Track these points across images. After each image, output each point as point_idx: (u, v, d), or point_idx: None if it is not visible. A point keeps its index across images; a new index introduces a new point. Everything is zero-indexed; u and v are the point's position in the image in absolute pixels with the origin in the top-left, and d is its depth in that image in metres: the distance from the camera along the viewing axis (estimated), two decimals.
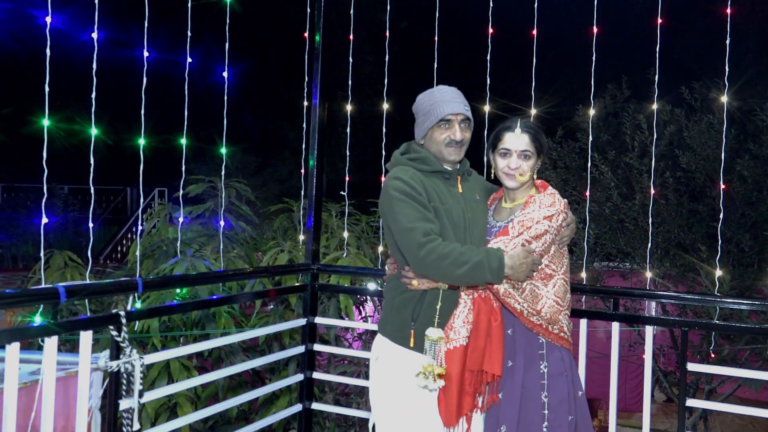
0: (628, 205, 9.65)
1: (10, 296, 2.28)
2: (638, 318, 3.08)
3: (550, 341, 2.53)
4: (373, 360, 2.67)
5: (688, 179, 9.85)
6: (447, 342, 2.49)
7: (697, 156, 9.29)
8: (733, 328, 3.12)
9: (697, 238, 9.39)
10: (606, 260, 11.03)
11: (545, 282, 2.54)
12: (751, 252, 9.16)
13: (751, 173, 8.92)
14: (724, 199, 9.60)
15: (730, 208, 9.13)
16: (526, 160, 2.60)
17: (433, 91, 2.66)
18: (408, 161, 2.64)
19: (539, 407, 2.48)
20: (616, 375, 3.15)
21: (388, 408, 2.57)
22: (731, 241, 9.26)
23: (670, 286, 10.49)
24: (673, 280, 10.28)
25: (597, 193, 10.73)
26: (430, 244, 2.41)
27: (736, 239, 9.11)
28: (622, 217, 10.07)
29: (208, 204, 5.13)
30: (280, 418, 3.78)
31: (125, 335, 2.65)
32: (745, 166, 8.89)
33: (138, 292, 2.70)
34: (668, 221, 9.91)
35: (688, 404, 3.04)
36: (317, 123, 3.82)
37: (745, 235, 9.02)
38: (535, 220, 2.51)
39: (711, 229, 9.80)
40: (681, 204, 9.60)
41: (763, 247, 9.02)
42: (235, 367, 3.53)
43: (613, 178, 10.45)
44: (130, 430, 2.73)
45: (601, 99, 10.67)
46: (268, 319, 4.43)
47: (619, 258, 10.74)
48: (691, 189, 9.53)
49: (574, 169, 10.85)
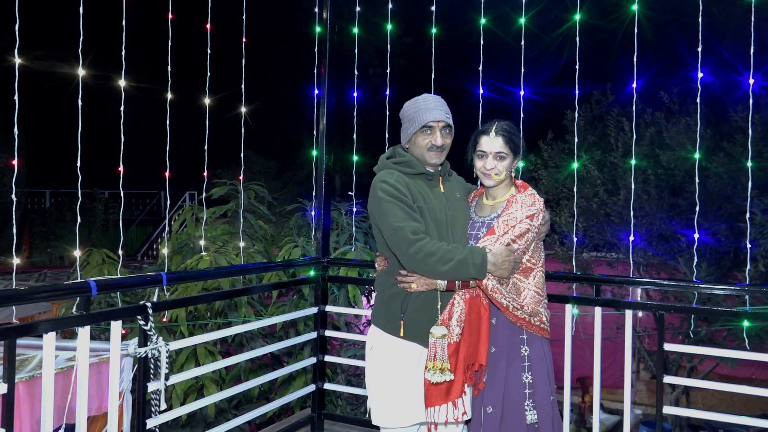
0: (613, 200, 9.60)
1: (46, 290, 2.29)
2: (619, 303, 3.04)
3: (532, 332, 2.51)
4: (368, 349, 2.66)
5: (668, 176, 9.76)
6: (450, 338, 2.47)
7: (676, 155, 9.25)
8: (705, 311, 3.08)
9: (677, 229, 9.34)
10: (594, 251, 10.99)
11: (526, 275, 2.52)
12: (726, 242, 9.09)
13: (726, 169, 8.87)
14: (701, 193, 9.51)
15: (707, 202, 9.07)
16: (501, 160, 2.57)
17: (417, 99, 2.64)
18: (393, 165, 2.63)
19: (521, 387, 2.46)
20: (599, 355, 3.12)
21: (382, 393, 2.55)
22: (708, 231, 9.19)
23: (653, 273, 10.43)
24: (656, 268, 10.21)
25: (585, 190, 10.66)
26: (419, 243, 2.40)
27: (713, 230, 9.05)
28: (608, 211, 10.02)
29: (230, 204, 5.13)
30: (295, 397, 3.77)
31: (152, 324, 2.65)
32: (720, 163, 8.84)
33: (163, 285, 2.70)
34: (650, 214, 9.83)
35: (666, 381, 3.00)
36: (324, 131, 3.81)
37: (721, 227, 8.96)
38: (518, 220, 2.50)
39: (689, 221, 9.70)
40: (662, 198, 9.54)
41: (737, 237, 8.95)
42: (253, 351, 3.53)
43: (599, 176, 10.39)
44: (158, 410, 2.74)
45: (587, 104, 10.62)
46: (285, 308, 4.43)
47: (606, 248, 10.69)
48: (671, 185, 9.47)
49: (563, 167, 10.79)
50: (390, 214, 2.47)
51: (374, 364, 2.60)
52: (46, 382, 2.28)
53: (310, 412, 3.84)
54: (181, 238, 5.07)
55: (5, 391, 2.13)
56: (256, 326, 3.69)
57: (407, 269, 2.49)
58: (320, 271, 3.81)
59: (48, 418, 2.28)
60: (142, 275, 2.80)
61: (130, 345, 2.69)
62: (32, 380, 2.57)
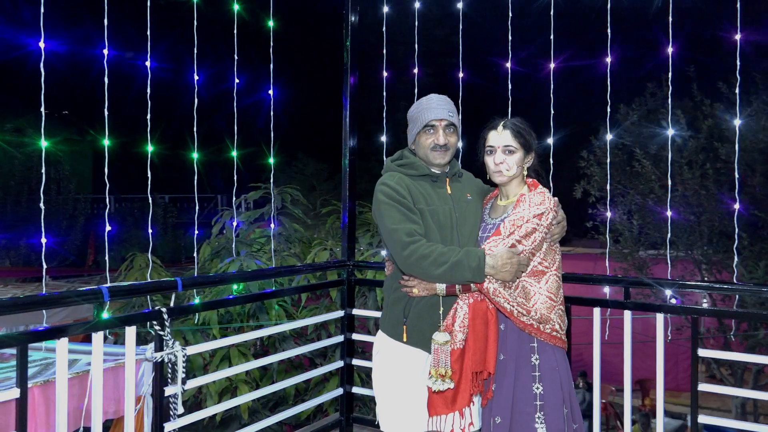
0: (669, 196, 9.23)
1: (58, 297, 2.34)
2: (648, 306, 2.87)
3: (543, 341, 2.37)
4: (374, 353, 2.61)
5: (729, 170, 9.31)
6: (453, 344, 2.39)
7: None
8: (741, 315, 2.88)
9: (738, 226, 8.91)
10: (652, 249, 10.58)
11: (538, 278, 2.40)
12: None
13: None
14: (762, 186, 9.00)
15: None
16: (511, 155, 2.47)
17: (421, 100, 2.60)
18: (397, 167, 2.58)
19: (531, 398, 2.33)
20: (630, 359, 2.96)
21: (388, 399, 2.50)
22: None
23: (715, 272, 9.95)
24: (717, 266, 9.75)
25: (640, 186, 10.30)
26: (413, 245, 2.34)
27: None
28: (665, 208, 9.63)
29: (266, 208, 5.17)
30: (322, 400, 3.76)
31: (168, 329, 2.68)
32: None
33: (178, 290, 2.73)
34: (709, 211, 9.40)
35: (701, 389, 2.82)
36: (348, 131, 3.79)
37: None
38: (525, 219, 2.38)
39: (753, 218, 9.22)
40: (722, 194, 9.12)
41: None
42: (278, 354, 3.53)
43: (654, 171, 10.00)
44: (176, 414, 2.76)
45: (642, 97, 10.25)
46: (317, 311, 4.42)
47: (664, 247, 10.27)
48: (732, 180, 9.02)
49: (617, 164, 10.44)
50: (387, 216, 2.42)
51: (380, 369, 2.55)
52: (60, 386, 2.33)
53: (339, 416, 3.81)
54: (220, 242, 5.15)
55: (18, 396, 2.19)
56: (279, 330, 3.70)
57: (403, 272, 2.43)
58: (346, 274, 3.78)
59: (62, 423, 2.33)
60: (157, 281, 2.84)
61: (147, 349, 2.73)
62: (48, 384, 2.63)
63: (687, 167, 9.34)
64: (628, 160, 10.16)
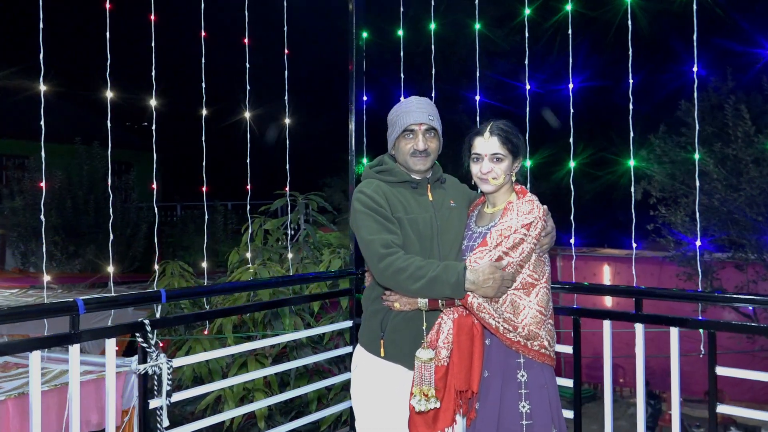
0: (734, 196, 8.64)
1: (31, 310, 2.34)
2: (661, 318, 2.62)
3: (531, 358, 2.20)
4: (353, 368, 2.49)
5: None
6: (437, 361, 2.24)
7: None
8: (759, 329, 2.59)
9: None
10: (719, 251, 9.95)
11: (527, 291, 2.21)
12: None
13: None
14: None
15: None
16: (498, 163, 2.30)
17: (400, 103, 2.46)
18: (375, 174, 2.45)
19: (518, 417, 2.16)
20: (643, 373, 2.71)
21: (366, 415, 2.38)
22: None
23: None
24: None
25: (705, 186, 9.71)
26: (390, 257, 2.19)
27: None
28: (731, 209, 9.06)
29: (293, 215, 5.12)
30: (331, 412, 3.66)
31: (152, 341, 2.64)
32: None
33: (162, 302, 2.69)
34: None
35: (719, 411, 2.55)
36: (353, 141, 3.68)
37: None
38: (513, 229, 2.20)
39: None
40: None
41: None
42: (286, 364, 3.45)
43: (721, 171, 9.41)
44: (161, 427, 2.73)
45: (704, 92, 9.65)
46: (333, 320, 4.34)
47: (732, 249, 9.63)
48: None
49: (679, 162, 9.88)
50: (363, 226, 2.29)
51: (358, 385, 2.44)
52: (33, 399, 2.33)
53: (349, 429, 3.71)
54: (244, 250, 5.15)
55: None
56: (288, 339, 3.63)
57: (380, 285, 2.30)
58: (354, 283, 3.67)
59: None
60: (139, 292, 2.82)
61: (133, 361, 2.71)
62: (22, 397, 2.65)
63: (753, 165, 8.73)
64: (690, 159, 9.62)
